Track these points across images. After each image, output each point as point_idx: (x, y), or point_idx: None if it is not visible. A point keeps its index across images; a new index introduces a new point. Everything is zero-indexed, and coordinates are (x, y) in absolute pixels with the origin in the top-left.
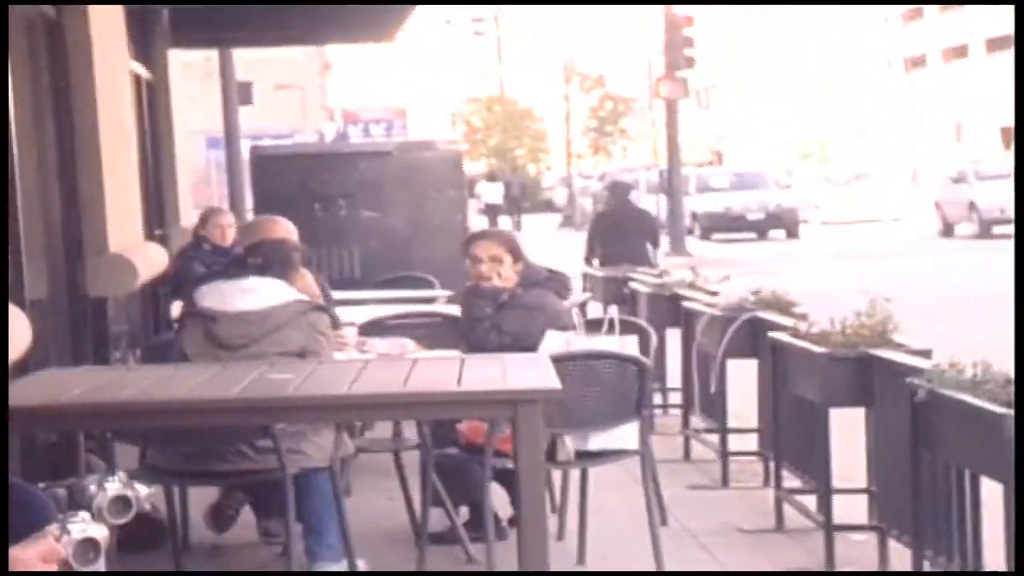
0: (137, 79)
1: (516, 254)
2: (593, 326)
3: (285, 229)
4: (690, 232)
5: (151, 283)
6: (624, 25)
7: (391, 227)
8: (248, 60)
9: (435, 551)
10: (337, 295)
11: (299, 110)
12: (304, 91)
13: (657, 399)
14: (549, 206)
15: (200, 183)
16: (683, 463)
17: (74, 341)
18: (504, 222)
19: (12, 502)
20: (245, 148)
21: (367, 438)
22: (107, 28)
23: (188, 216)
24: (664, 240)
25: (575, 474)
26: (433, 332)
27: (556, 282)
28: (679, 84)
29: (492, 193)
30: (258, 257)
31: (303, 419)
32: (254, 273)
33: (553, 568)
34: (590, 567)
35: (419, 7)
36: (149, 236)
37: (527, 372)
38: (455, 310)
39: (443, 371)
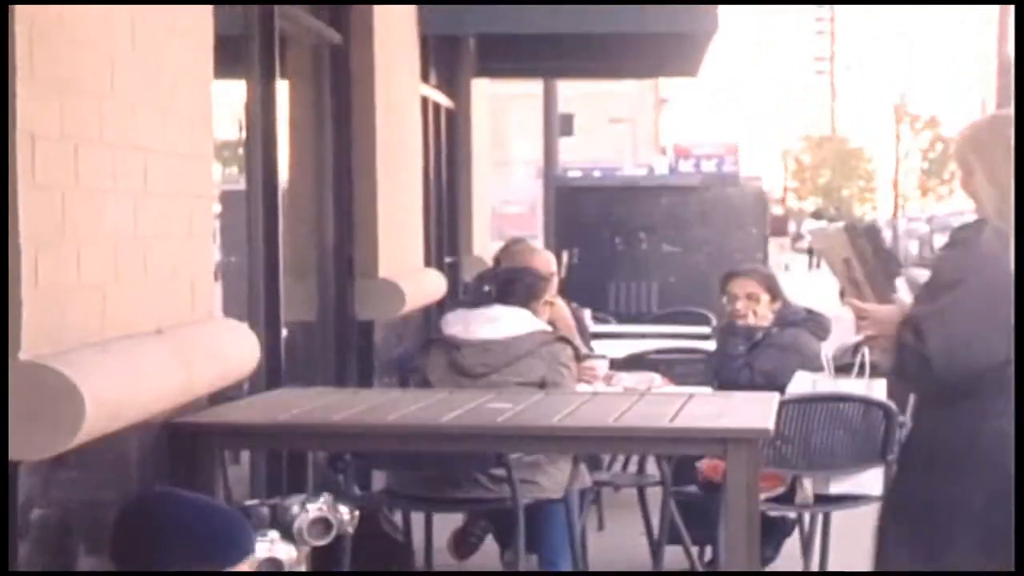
0: (436, 107)
1: (774, 292)
2: (845, 370)
3: (542, 260)
4: None
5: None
6: (958, 67)
7: (691, 262)
8: (582, 93)
9: None
10: (617, 329)
11: (629, 143)
12: (635, 124)
13: None
14: None
15: (528, 213)
16: None
17: (339, 363)
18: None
19: (217, 530)
20: None
21: (611, 472)
22: (395, 54)
23: (484, 245)
24: None
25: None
26: (692, 368)
27: (814, 323)
28: None
29: None
30: (503, 286)
31: (505, 448)
32: (499, 302)
33: None
34: None
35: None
36: (437, 263)
37: (745, 411)
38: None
39: (664, 407)
